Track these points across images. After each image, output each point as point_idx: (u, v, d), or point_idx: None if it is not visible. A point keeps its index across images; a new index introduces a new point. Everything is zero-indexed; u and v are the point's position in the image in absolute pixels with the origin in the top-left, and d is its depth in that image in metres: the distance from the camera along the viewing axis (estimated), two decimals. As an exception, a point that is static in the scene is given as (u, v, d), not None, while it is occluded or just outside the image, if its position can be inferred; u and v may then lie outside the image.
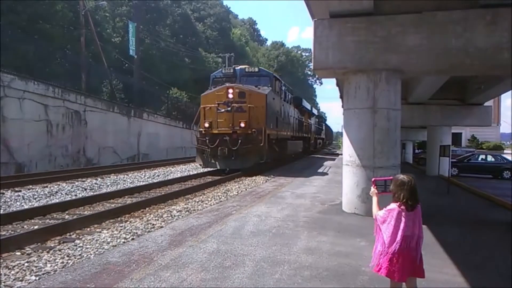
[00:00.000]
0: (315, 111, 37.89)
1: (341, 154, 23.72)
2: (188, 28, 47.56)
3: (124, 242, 5.84)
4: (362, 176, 7.98)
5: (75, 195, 10.34)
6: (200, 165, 16.45)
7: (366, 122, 8.01)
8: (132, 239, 6.01)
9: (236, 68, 18.23)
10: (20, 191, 10.66)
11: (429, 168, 20.05)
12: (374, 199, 3.40)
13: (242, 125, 15.44)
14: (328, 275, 4.47)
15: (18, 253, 5.21)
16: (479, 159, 22.06)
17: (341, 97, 21.88)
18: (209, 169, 16.13)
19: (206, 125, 15.80)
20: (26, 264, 4.74)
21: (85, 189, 11.23)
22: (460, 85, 18.27)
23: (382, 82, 7.93)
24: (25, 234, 5.77)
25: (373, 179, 3.46)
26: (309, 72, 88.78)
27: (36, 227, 6.55)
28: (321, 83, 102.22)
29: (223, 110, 15.76)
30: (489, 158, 21.99)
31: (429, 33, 7.64)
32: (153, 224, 7.02)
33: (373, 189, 3.41)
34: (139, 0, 38.66)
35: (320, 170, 19.03)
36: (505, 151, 39.21)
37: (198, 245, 5.52)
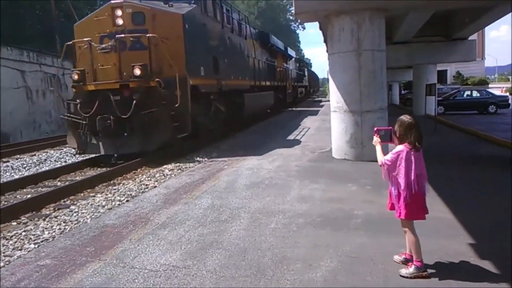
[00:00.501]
0: (292, 53, 30.67)
1: (328, 101, 23.59)
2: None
3: (119, 204, 5.88)
4: (350, 122, 8.01)
5: (65, 161, 10.27)
6: (75, 149, 9.81)
7: (352, 65, 7.92)
8: (127, 200, 6.05)
9: None
10: (8, 161, 10.55)
11: (416, 108, 20.22)
12: (378, 147, 3.44)
13: (138, 72, 8.77)
14: (322, 221, 4.59)
15: (14, 223, 5.23)
16: (465, 95, 22.22)
17: (325, 41, 21.50)
18: (87, 156, 9.75)
19: (76, 77, 9.26)
20: (23, 233, 4.77)
21: (74, 155, 11.15)
22: (444, 20, 17.99)
23: (366, 22, 7.76)
24: (19, 204, 5.76)
25: (375, 129, 3.49)
26: (291, 17, 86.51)
27: (29, 196, 6.54)
28: (304, 28, 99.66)
29: (105, 47, 9.21)
30: (474, 93, 22.16)
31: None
32: (146, 185, 7.05)
33: (376, 138, 3.43)
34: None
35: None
36: (490, 86, 39.59)
37: (193, 202, 5.59)
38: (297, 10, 8.13)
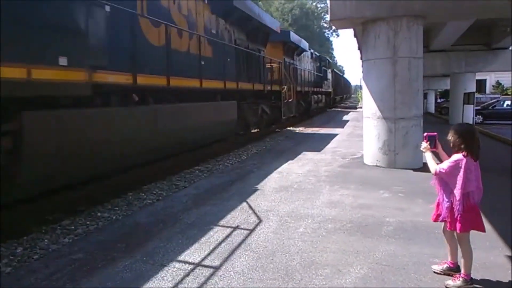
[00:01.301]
0: (305, 45, 21.04)
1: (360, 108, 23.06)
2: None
3: (150, 203, 5.98)
4: (383, 128, 7.86)
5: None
6: None
7: (387, 72, 7.78)
8: (158, 200, 6.15)
9: None
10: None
11: (452, 117, 19.58)
12: (429, 155, 3.28)
13: None
14: (352, 227, 4.51)
15: (50, 218, 5.41)
16: (504, 105, 21.37)
17: (359, 48, 21.23)
18: None
19: None
20: (59, 228, 4.93)
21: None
22: (485, 29, 17.42)
23: (403, 29, 7.61)
24: (55, 201, 5.93)
25: (425, 134, 3.31)
26: (325, 25, 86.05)
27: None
28: (338, 35, 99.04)
29: None
30: (515, 103, 21.28)
31: (453, -25, 7.22)
32: (177, 185, 7.15)
33: (425, 144, 3.27)
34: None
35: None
36: (531, 96, 37.90)
37: (222, 203, 5.62)
38: (333, 17, 8.08)
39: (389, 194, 5.90)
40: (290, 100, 16.54)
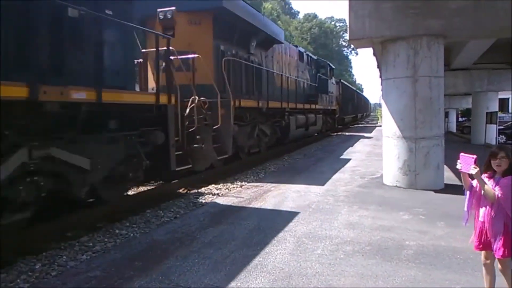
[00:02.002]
0: (277, 34, 13.39)
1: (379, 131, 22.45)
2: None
3: (168, 220, 6.00)
4: (403, 148, 7.75)
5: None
6: None
7: (407, 91, 7.71)
8: (175, 217, 6.16)
9: None
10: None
11: (474, 137, 19.22)
12: (480, 178, 3.06)
13: None
14: (371, 250, 4.41)
15: (69, 234, 5.47)
16: (529, 125, 20.83)
17: (379, 67, 21.14)
18: None
19: None
20: (77, 244, 4.98)
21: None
22: (507, 47, 17.13)
23: (423, 48, 7.56)
24: (75, 217, 6.00)
25: (461, 154, 3.12)
26: (344, 43, 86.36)
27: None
28: (357, 54, 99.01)
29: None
30: (540, 123, 20.74)
31: (474, -5, 7.17)
32: (194, 203, 7.16)
33: (476, 169, 3.01)
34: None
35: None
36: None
37: (239, 222, 5.59)
38: (352, 36, 8.10)
39: (410, 216, 5.77)
40: (216, 127, 8.63)
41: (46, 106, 4.56)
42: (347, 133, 27.69)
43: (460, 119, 35.45)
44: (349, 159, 12.44)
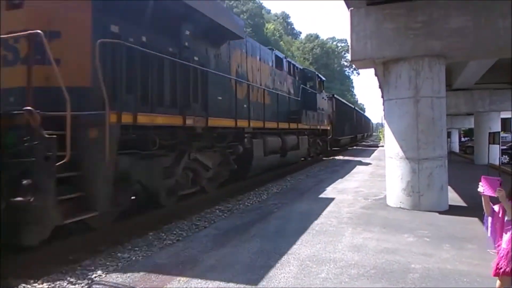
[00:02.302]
0: (231, 24, 9.02)
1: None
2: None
3: (170, 243, 5.94)
4: (406, 169, 7.72)
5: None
6: None
7: (409, 112, 7.73)
8: (178, 240, 6.11)
9: None
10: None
11: (478, 157, 19.16)
12: (507, 203, 2.99)
13: None
14: (376, 273, 4.34)
15: (71, 257, 5.42)
16: (532, 144, 20.80)
17: (380, 87, 21.28)
18: None
19: None
20: (79, 268, 4.92)
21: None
22: (509, 67, 17.26)
23: (424, 69, 7.63)
24: (78, 241, 5.94)
25: (482, 177, 3.04)
26: (345, 63, 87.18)
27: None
28: (359, 74, 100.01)
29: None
30: (544, 143, 20.69)
31: (474, 15, 7.28)
32: (197, 225, 7.11)
33: (502, 192, 2.95)
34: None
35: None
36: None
37: (242, 245, 5.53)
38: (354, 57, 8.18)
39: (414, 238, 5.70)
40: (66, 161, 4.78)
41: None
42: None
43: (462, 139, 35.42)
44: (354, 177, 12.39)
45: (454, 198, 8.04)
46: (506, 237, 3.02)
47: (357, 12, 7.98)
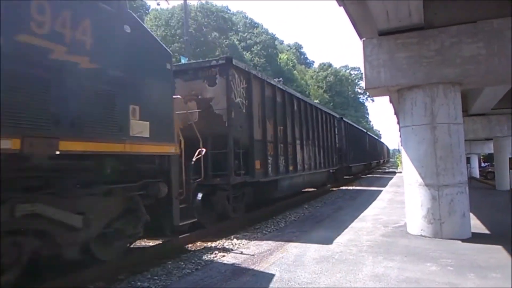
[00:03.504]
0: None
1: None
2: (236, 58, 49.11)
3: (189, 272, 5.94)
4: (426, 196, 7.62)
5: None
6: None
7: (426, 138, 7.70)
8: (197, 269, 6.10)
9: None
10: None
11: (499, 182, 18.75)
12: None
13: None
14: (399, 303, 4.26)
15: (91, 287, 5.46)
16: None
17: (396, 113, 21.27)
18: None
19: None
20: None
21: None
22: (526, 92, 17.14)
23: (439, 96, 7.64)
24: (96, 269, 6.00)
25: None
26: (359, 90, 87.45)
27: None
28: (373, 100, 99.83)
29: None
30: None
31: (486, 42, 7.33)
32: (215, 253, 7.10)
33: None
34: (189, 37, 40.63)
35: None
36: None
37: (261, 274, 5.51)
38: (368, 85, 8.26)
39: (437, 267, 5.58)
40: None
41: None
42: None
43: (482, 164, 34.78)
44: (372, 204, 12.23)
45: (476, 225, 7.87)
46: None
47: (369, 42, 8.12)
